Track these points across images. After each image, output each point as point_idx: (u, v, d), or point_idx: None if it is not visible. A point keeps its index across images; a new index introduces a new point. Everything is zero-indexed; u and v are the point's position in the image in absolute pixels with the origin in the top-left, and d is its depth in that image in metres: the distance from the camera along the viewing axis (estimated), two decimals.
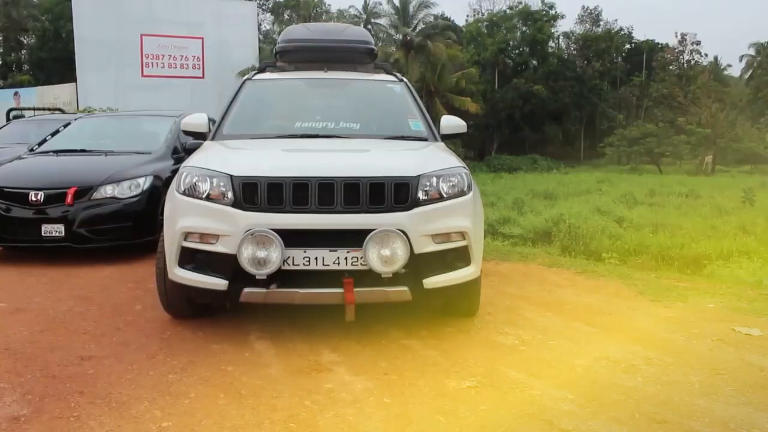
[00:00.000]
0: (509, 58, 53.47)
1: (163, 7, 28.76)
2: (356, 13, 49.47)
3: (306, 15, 46.90)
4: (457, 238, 4.00)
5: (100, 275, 5.90)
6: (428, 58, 39.77)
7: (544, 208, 17.51)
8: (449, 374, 3.58)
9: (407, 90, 5.55)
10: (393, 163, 4.22)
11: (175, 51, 29.18)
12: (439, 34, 41.88)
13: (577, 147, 54.40)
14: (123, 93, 25.61)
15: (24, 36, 53.78)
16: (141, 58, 28.43)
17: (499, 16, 53.94)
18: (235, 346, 3.97)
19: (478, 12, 61.46)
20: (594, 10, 58.63)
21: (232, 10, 32.06)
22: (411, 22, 43.05)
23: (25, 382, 3.49)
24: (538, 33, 50.61)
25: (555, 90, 49.67)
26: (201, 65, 29.52)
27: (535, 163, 43.72)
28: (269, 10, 57.85)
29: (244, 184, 3.78)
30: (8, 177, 6.71)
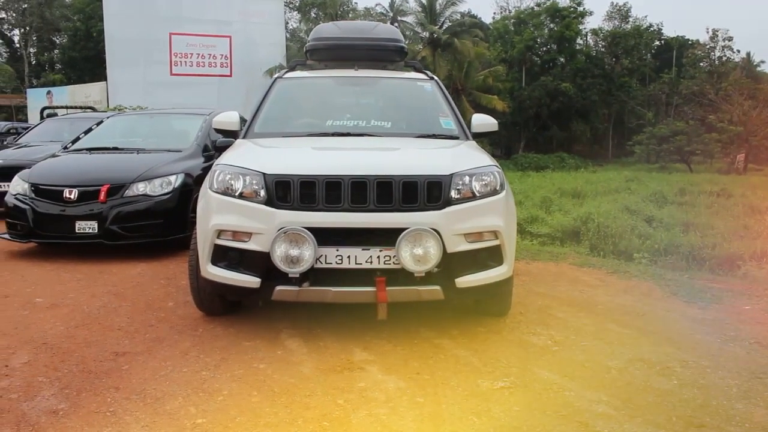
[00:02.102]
0: (536, 56, 53.02)
1: (191, 6, 28.96)
2: (383, 11, 49.34)
3: (333, 13, 46.91)
4: (489, 238, 3.97)
5: (133, 272, 5.96)
6: (455, 56, 39.57)
7: (573, 207, 17.33)
8: (482, 374, 3.56)
9: (438, 88, 5.53)
10: (426, 161, 4.20)
11: (204, 50, 29.36)
12: (466, 31, 41.64)
13: (605, 145, 53.80)
14: (152, 91, 25.83)
15: (56, 36, 54.61)
16: (170, 56, 28.64)
17: (527, 13, 53.47)
18: (267, 344, 3.99)
19: (505, 9, 61.08)
20: (623, 7, 57.92)
21: (260, 8, 32.18)
22: (438, 19, 42.86)
23: (63, 376, 3.55)
24: (565, 30, 50.10)
25: (583, 88, 49.14)
26: (229, 63, 29.68)
27: (563, 162, 43.29)
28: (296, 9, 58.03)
29: (277, 182, 3.79)
30: (44, 174, 6.82)
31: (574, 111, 49.29)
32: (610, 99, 50.65)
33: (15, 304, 4.97)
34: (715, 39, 48.82)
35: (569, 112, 49.07)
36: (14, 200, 6.71)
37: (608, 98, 50.53)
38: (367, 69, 5.70)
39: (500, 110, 38.26)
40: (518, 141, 49.43)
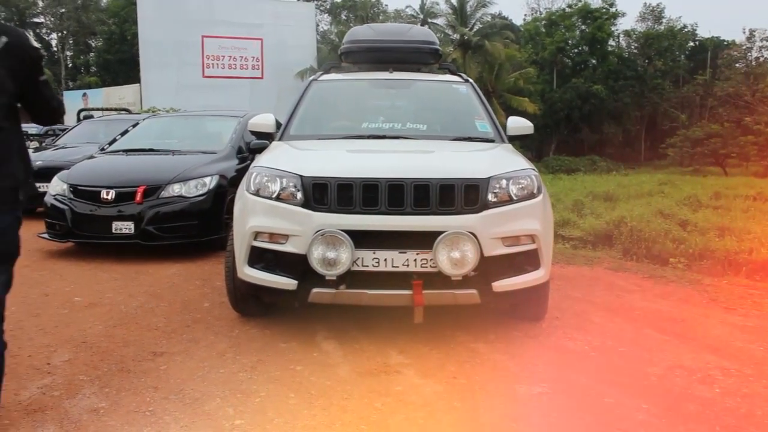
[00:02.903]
0: (568, 58, 52.61)
1: (223, 9, 29.25)
2: (413, 13, 49.38)
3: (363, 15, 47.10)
4: (526, 241, 3.94)
5: (168, 272, 6.03)
6: (486, 58, 39.45)
7: (605, 211, 17.12)
8: (519, 379, 3.53)
9: (473, 90, 5.51)
10: (463, 164, 4.18)
11: (235, 52, 29.63)
12: (496, 33, 41.49)
13: (637, 148, 53.20)
14: (184, 93, 26.12)
15: (92, 39, 55.63)
16: (202, 58, 28.97)
17: (558, 15, 53.10)
18: (303, 346, 3.99)
19: (536, 11, 60.77)
20: (656, 8, 57.27)
21: (291, 11, 32.44)
22: (468, 21, 42.75)
23: (102, 375, 3.59)
24: (597, 31, 49.65)
25: (615, 90, 48.66)
26: (260, 66, 29.92)
27: (594, 165, 42.87)
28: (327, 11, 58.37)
29: (314, 185, 3.80)
30: (82, 175, 6.93)
31: (606, 113, 48.81)
32: (642, 101, 50.08)
33: (55, 302, 5.05)
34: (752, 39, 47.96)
35: (601, 114, 48.61)
36: (53, 200, 6.82)
37: (641, 100, 49.96)
38: (401, 71, 5.70)
39: (531, 112, 38.00)
40: (549, 143, 49.08)
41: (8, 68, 2.57)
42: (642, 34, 54.48)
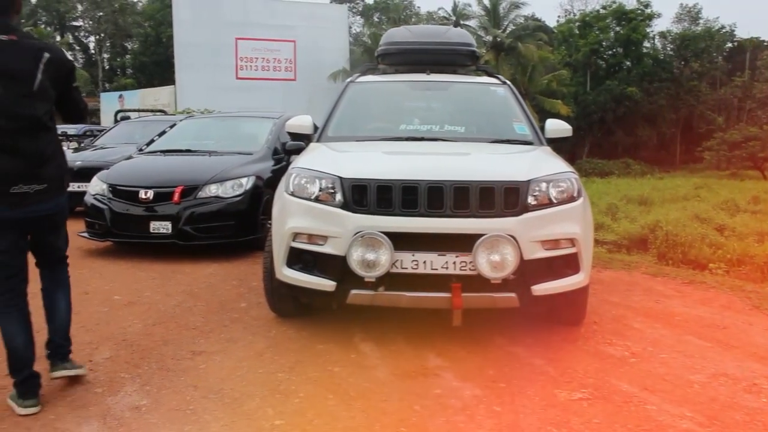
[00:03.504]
0: (602, 59, 51.97)
1: (257, 11, 29.50)
2: (445, 15, 49.29)
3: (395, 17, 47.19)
4: (566, 245, 3.90)
5: (205, 272, 6.08)
6: (518, 60, 39.18)
7: (639, 215, 16.90)
8: (559, 384, 3.49)
9: (511, 93, 5.47)
10: (503, 167, 4.15)
11: (269, 54, 29.86)
12: (529, 35, 41.19)
13: (672, 151, 52.35)
14: (217, 94, 26.36)
15: (128, 42, 56.57)
16: (235, 60, 29.25)
17: (592, 16, 52.47)
18: (341, 347, 4.00)
19: (570, 12, 60.25)
20: (693, 8, 56.40)
21: (324, 13, 32.64)
22: (501, 23, 42.51)
23: (143, 373, 3.63)
24: (632, 33, 48.96)
25: (650, 92, 47.96)
26: (293, 68, 30.10)
27: (628, 168, 42.32)
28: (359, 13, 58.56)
29: (354, 186, 3.80)
30: (121, 175, 7.03)
31: (641, 116, 48.12)
32: (678, 103, 49.28)
33: (95, 300, 5.12)
34: None
35: (635, 117, 47.93)
36: (93, 200, 6.93)
37: (676, 103, 49.17)
38: (438, 73, 5.68)
39: (564, 115, 37.58)
40: (582, 146, 48.54)
41: (51, 79, 3.13)
42: (678, 35, 53.65)
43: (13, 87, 3.03)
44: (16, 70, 3.04)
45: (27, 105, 3.06)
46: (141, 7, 56.09)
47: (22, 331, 3.14)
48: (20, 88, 3.05)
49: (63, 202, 3.31)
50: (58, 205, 3.26)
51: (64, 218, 3.40)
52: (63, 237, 3.43)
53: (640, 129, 48.90)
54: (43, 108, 3.13)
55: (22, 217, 3.09)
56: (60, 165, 3.25)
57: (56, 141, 3.28)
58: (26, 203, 3.07)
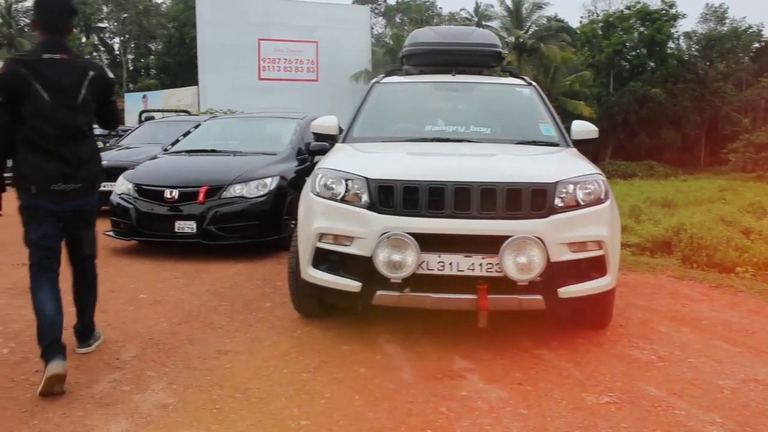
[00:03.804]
0: (625, 60, 51.48)
1: (279, 12, 29.63)
2: (467, 15, 49.19)
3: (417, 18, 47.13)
4: (593, 248, 3.87)
5: (229, 271, 6.11)
6: (541, 61, 38.99)
7: (663, 217, 16.72)
8: (585, 388, 3.46)
9: (537, 94, 5.44)
10: (530, 168, 4.13)
11: (291, 55, 29.98)
12: (552, 36, 40.97)
13: (696, 153, 51.71)
14: (240, 95, 26.51)
15: (152, 43, 57.13)
16: (258, 61, 29.40)
17: (616, 17, 51.98)
18: (365, 348, 4.00)
19: (593, 13, 59.77)
20: (719, 8, 55.72)
21: (346, 14, 32.71)
22: (524, 24, 42.32)
23: (170, 371, 3.66)
24: (656, 33, 48.44)
25: (674, 93, 47.40)
26: (315, 68, 30.19)
27: (652, 170, 41.93)
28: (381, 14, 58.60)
29: (380, 187, 3.80)
30: (146, 175, 7.09)
31: (664, 117, 47.60)
32: (703, 105, 48.65)
33: (121, 299, 5.16)
34: None
35: (659, 118, 47.42)
36: (119, 199, 6.99)
37: (701, 104, 48.55)
38: (464, 74, 5.66)
39: (587, 116, 37.33)
40: (605, 148, 48.15)
41: (93, 93, 3.59)
42: (703, 35, 52.99)
43: (60, 99, 3.46)
44: (64, 85, 3.48)
45: (71, 116, 3.51)
46: (165, 9, 56.61)
47: (51, 301, 3.50)
48: (67, 101, 3.48)
49: (94, 200, 3.74)
50: (89, 203, 3.70)
51: (94, 216, 3.81)
52: (91, 235, 3.81)
53: (664, 131, 48.36)
54: (84, 119, 3.59)
55: (59, 209, 3.55)
56: (94, 168, 3.69)
57: (93, 147, 3.74)
58: (64, 199, 3.53)
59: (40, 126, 3.45)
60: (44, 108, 3.43)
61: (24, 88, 3.40)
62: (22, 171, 3.49)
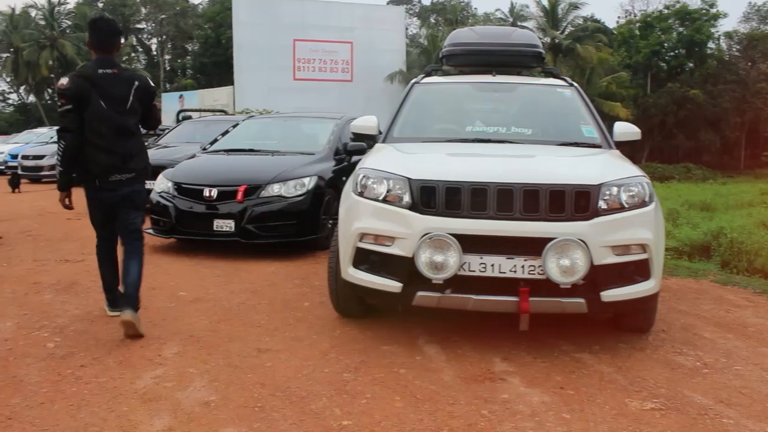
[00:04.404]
0: (663, 61, 50.68)
1: (314, 13, 29.83)
2: (502, 16, 48.89)
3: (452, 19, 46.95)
4: (637, 251, 3.81)
5: (267, 270, 6.15)
6: (577, 62, 38.63)
7: (701, 221, 16.43)
8: (629, 393, 3.40)
9: (578, 95, 5.37)
10: (573, 170, 4.07)
11: (326, 55, 30.16)
12: (588, 36, 40.55)
13: (736, 156, 50.73)
14: (275, 95, 26.74)
15: (189, 43, 57.87)
16: (293, 61, 29.63)
17: (654, 17, 51.24)
18: (405, 349, 3.98)
19: (630, 13, 58.97)
20: (762, 7, 54.54)
21: (381, 14, 32.79)
22: (559, 24, 41.95)
23: (211, 369, 3.68)
24: (696, 33, 47.60)
25: (713, 94, 46.54)
26: (350, 69, 30.32)
27: (689, 173, 41.24)
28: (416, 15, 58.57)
29: (422, 188, 3.78)
30: (186, 174, 7.17)
31: (703, 119, 46.75)
32: (743, 106, 47.67)
33: (161, 296, 5.23)
34: None
35: (697, 120, 46.60)
36: (158, 197, 7.08)
37: (742, 105, 47.58)
38: (504, 75, 5.62)
39: (623, 118, 36.89)
40: (641, 150, 47.49)
41: (138, 100, 4.32)
42: (745, 35, 51.94)
43: (114, 106, 4.22)
44: (116, 94, 4.23)
45: (122, 119, 4.26)
46: (202, 10, 57.34)
47: (111, 268, 4.57)
48: (118, 107, 4.23)
49: (142, 187, 4.46)
50: (139, 189, 4.43)
51: (143, 200, 4.56)
52: (140, 216, 4.55)
53: (703, 132, 47.49)
54: (132, 120, 4.34)
55: (118, 195, 4.32)
56: (142, 160, 4.44)
57: (141, 143, 4.48)
58: (120, 187, 4.31)
59: (98, 127, 4.21)
60: (101, 113, 4.19)
61: (85, 98, 4.16)
62: (86, 168, 4.28)
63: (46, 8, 50.48)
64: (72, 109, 4.17)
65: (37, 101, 53.72)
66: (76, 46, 48.65)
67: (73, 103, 4.17)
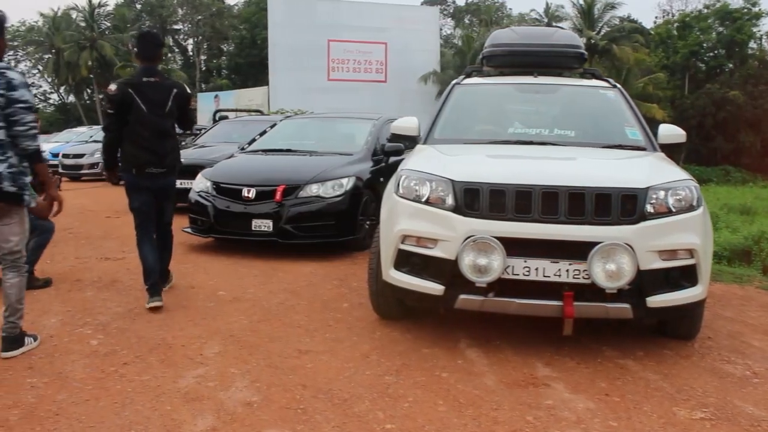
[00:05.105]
0: (702, 62, 49.77)
1: (349, 14, 29.86)
2: (537, 16, 48.45)
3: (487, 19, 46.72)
4: (684, 256, 3.72)
5: (305, 270, 6.15)
6: (613, 63, 38.08)
7: (741, 225, 16.13)
8: (677, 402, 3.33)
9: (621, 96, 5.28)
10: (620, 173, 4.01)
11: (360, 56, 30.16)
12: (625, 37, 39.96)
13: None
14: (309, 95, 26.81)
15: (225, 44, 58.48)
16: (327, 62, 29.69)
17: (693, 17, 50.38)
18: (446, 352, 3.95)
19: (668, 12, 58.02)
20: None
21: (415, 15, 32.70)
22: (595, 25, 41.42)
23: (252, 369, 3.69)
24: (736, 33, 46.62)
25: (754, 96, 45.53)
26: (384, 69, 30.29)
27: (728, 175, 40.51)
28: (450, 15, 58.38)
29: (466, 190, 3.74)
30: (224, 173, 7.21)
31: (743, 121, 45.79)
32: None
33: (201, 295, 5.27)
34: None
35: (737, 121, 45.65)
36: (197, 197, 7.13)
37: None
38: (546, 76, 5.55)
39: (660, 119, 36.33)
40: (678, 152, 46.68)
41: (176, 105, 4.99)
42: None
43: (155, 110, 4.88)
44: (157, 100, 4.89)
45: (161, 122, 4.92)
46: (237, 11, 57.87)
47: (151, 252, 4.99)
48: (159, 111, 4.90)
49: (173, 181, 5.14)
50: (171, 182, 5.11)
51: (174, 192, 5.20)
52: (171, 206, 5.20)
53: (742, 134, 46.51)
54: (169, 123, 5.03)
55: (151, 186, 4.96)
56: (175, 158, 5.11)
57: (175, 143, 5.16)
58: (155, 179, 4.95)
59: (140, 129, 4.87)
60: (143, 116, 4.85)
61: (129, 103, 4.82)
62: (125, 159, 4.96)
63: (86, 10, 51.39)
64: (115, 113, 4.91)
65: (77, 101, 54.71)
66: (114, 46, 49.46)
67: (116, 108, 4.88)
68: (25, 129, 3.71)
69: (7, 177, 3.71)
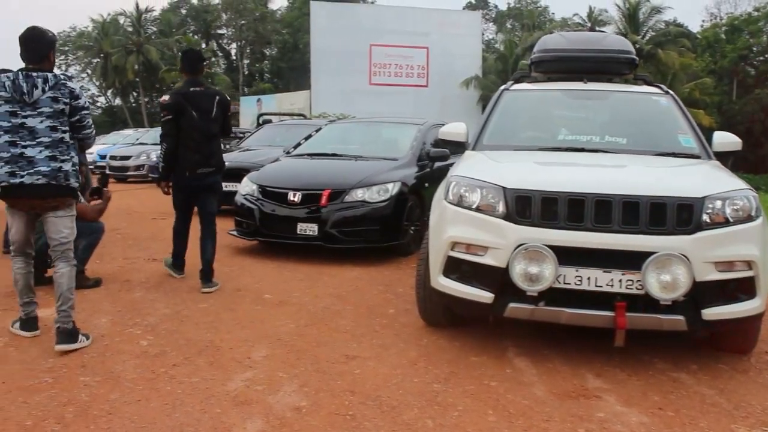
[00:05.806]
0: (751, 66, 48.62)
1: (391, 18, 29.92)
2: (580, 21, 47.94)
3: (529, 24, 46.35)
4: (742, 267, 3.62)
5: (350, 275, 6.16)
6: (658, 68, 37.42)
7: None
8: (734, 419, 3.24)
9: (674, 103, 5.18)
10: (675, 182, 3.93)
11: (402, 60, 30.14)
12: (670, 41, 39.25)
13: None
14: (350, 99, 26.93)
15: (267, 48, 59.14)
16: (369, 66, 29.73)
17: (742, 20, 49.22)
18: (495, 361, 3.91)
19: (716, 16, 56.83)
20: None
21: (457, 20, 32.57)
22: (640, 29, 40.76)
23: (300, 373, 3.70)
24: None
25: None
26: (425, 74, 30.22)
27: None
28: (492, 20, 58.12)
29: (517, 197, 3.70)
30: (270, 177, 7.27)
31: None
32: None
33: (248, 298, 5.31)
34: None
35: None
36: (243, 200, 7.20)
37: None
38: (596, 82, 5.47)
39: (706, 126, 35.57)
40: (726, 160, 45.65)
41: (220, 111, 5.64)
42: None
43: (203, 117, 5.53)
44: (204, 107, 5.54)
45: (209, 126, 5.57)
46: (280, 15, 58.51)
47: (184, 238, 5.93)
48: (206, 117, 5.55)
49: (219, 179, 5.76)
50: (217, 180, 5.73)
51: (219, 189, 5.81)
52: (215, 200, 5.79)
53: None
54: (215, 127, 5.64)
55: (201, 185, 5.63)
56: (220, 158, 5.75)
57: (219, 145, 5.81)
58: (203, 177, 5.60)
59: (191, 133, 5.52)
60: (193, 122, 5.49)
61: (182, 111, 5.48)
62: (179, 161, 5.57)
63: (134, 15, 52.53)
64: (172, 119, 5.52)
65: (123, 104, 55.89)
66: (160, 51, 50.40)
67: (173, 115, 5.52)
68: (90, 132, 4.24)
69: (73, 174, 4.10)
